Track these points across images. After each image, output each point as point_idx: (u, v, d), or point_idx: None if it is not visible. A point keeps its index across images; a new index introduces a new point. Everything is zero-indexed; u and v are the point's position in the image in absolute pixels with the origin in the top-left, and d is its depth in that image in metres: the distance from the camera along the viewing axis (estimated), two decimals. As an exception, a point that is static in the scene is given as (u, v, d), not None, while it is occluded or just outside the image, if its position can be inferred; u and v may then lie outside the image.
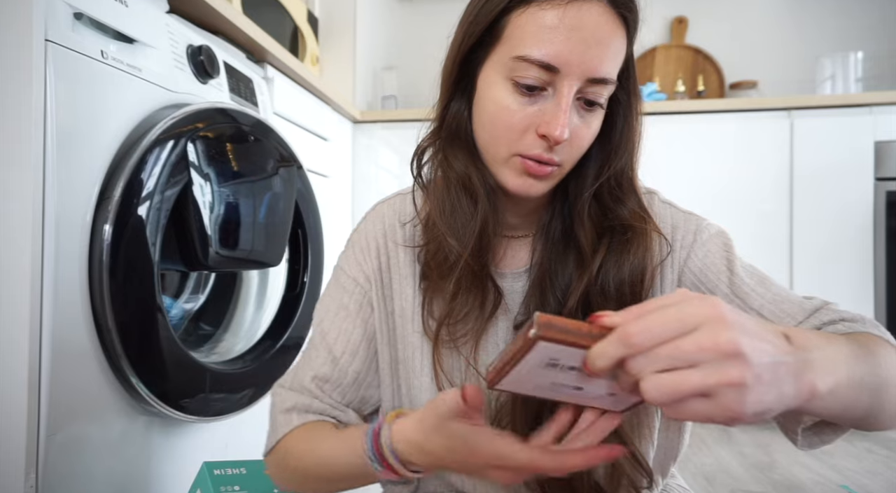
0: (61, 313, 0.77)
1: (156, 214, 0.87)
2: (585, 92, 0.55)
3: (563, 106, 0.54)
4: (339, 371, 0.65)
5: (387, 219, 0.69)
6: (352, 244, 0.70)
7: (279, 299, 1.26)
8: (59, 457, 0.78)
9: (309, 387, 0.64)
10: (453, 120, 0.62)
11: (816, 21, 2.60)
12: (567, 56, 0.53)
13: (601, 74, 0.54)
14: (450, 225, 0.61)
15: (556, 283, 0.60)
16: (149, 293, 0.87)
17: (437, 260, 0.62)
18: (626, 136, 0.61)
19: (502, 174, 0.59)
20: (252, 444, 1.26)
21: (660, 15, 2.74)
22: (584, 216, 0.61)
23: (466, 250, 0.59)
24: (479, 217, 0.60)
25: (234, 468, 0.84)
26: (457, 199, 0.61)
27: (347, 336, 0.65)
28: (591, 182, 0.61)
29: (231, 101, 1.16)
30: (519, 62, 0.54)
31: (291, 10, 2.01)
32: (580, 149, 0.58)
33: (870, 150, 1.94)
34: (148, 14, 0.95)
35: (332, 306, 0.67)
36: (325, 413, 0.64)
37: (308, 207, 1.27)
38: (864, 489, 1.39)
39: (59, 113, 0.76)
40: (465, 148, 0.62)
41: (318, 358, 0.65)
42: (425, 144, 0.65)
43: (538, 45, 0.53)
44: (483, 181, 0.61)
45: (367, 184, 2.23)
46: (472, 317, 0.61)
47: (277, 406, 0.65)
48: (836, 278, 1.95)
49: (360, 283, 0.67)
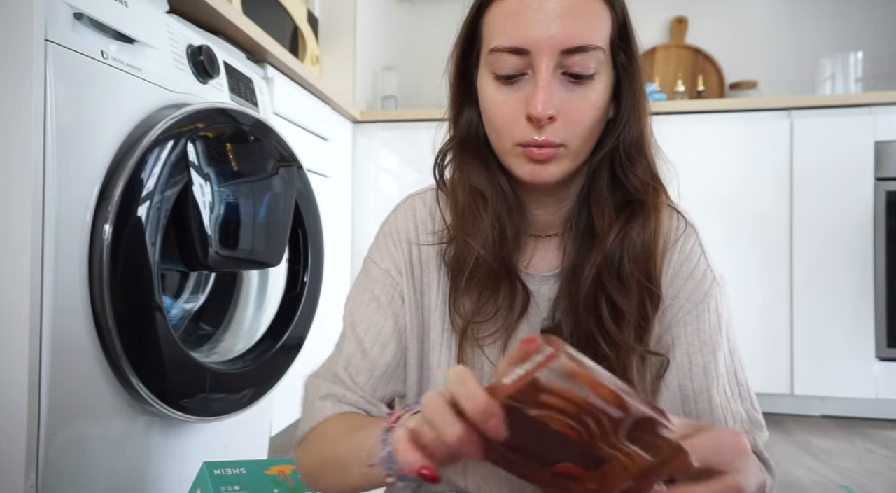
0: (61, 313, 0.77)
1: (156, 214, 0.87)
2: (567, 65, 0.56)
3: (540, 83, 0.55)
4: (370, 363, 0.64)
5: (419, 213, 0.69)
6: (383, 236, 0.70)
7: (279, 299, 1.25)
8: (59, 457, 0.78)
9: (342, 377, 0.64)
10: (465, 128, 0.65)
11: (816, 21, 2.60)
12: (532, 35, 0.55)
13: (575, 43, 0.55)
14: (467, 225, 0.62)
15: (583, 284, 0.60)
16: (149, 293, 0.87)
17: (457, 259, 0.63)
18: (632, 100, 0.60)
19: (514, 166, 0.60)
20: (252, 444, 1.26)
21: (660, 15, 2.74)
22: (602, 195, 0.61)
23: (484, 249, 0.60)
24: (491, 216, 0.61)
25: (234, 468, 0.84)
26: (472, 201, 0.63)
27: (378, 329, 0.65)
28: (607, 154, 0.61)
29: (231, 101, 1.16)
30: (493, 55, 0.57)
31: (291, 10, 2.01)
32: (579, 124, 0.57)
33: (870, 150, 1.94)
34: (148, 14, 0.95)
35: (363, 298, 0.67)
36: (357, 405, 0.63)
37: (308, 207, 1.27)
38: (864, 489, 1.39)
39: (59, 113, 0.76)
40: (477, 153, 0.64)
41: (348, 350, 0.65)
42: (445, 148, 0.67)
43: (505, 34, 0.56)
44: (493, 184, 0.62)
45: (367, 184, 2.23)
46: (501, 317, 0.62)
47: (311, 395, 0.65)
48: (836, 277, 1.95)
49: (392, 274, 0.67)
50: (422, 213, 0.69)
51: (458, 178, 0.65)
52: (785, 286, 1.98)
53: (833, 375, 1.94)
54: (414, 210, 0.69)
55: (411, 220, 0.69)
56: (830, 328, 1.94)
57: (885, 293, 1.92)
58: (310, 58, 2.13)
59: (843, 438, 1.79)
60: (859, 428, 1.88)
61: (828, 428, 1.89)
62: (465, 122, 0.65)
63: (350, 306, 0.68)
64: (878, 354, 1.92)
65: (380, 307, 0.65)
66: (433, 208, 0.69)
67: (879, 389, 1.91)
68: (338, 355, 0.66)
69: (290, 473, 0.87)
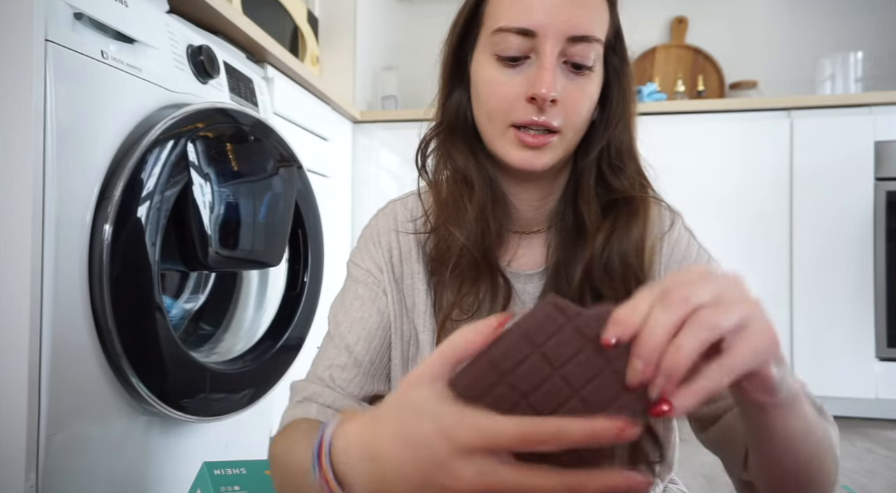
0: (61, 313, 0.77)
1: (156, 214, 0.87)
2: (570, 54, 0.56)
3: (545, 65, 0.55)
4: (355, 360, 0.63)
5: (399, 216, 0.69)
6: (364, 239, 0.70)
7: (279, 299, 1.26)
8: (59, 457, 0.78)
9: (322, 376, 0.63)
10: (454, 111, 0.65)
11: (816, 21, 2.60)
12: (542, 18, 0.55)
13: (580, 32, 0.56)
14: (450, 215, 0.62)
15: (571, 283, 0.60)
16: (149, 293, 0.87)
17: (439, 249, 0.63)
18: (621, 100, 0.62)
19: (503, 151, 0.60)
20: (252, 444, 1.26)
21: (660, 15, 2.74)
22: (589, 193, 0.61)
23: (468, 239, 0.60)
24: (476, 205, 0.61)
25: (234, 468, 0.84)
26: (457, 189, 0.63)
27: (362, 325, 0.64)
28: (595, 154, 0.62)
29: (231, 101, 1.16)
30: (498, 35, 0.57)
31: (291, 10, 2.01)
32: (577, 113, 0.58)
33: (870, 150, 1.93)
34: (148, 14, 0.95)
35: (346, 299, 0.67)
36: (333, 404, 0.61)
37: (308, 207, 1.27)
38: (864, 489, 1.39)
39: (59, 113, 0.76)
40: (465, 139, 0.64)
41: (332, 349, 0.64)
42: (429, 136, 0.67)
43: (513, 15, 0.56)
44: (481, 171, 0.62)
45: (367, 184, 2.23)
46: (483, 313, 0.61)
47: (289, 402, 0.64)
48: (836, 278, 1.95)
49: (373, 273, 0.66)
50: (402, 216, 0.69)
51: (444, 165, 0.65)
52: (785, 286, 1.98)
53: (833, 375, 1.94)
54: (395, 214, 0.69)
55: (392, 222, 0.69)
56: (830, 328, 1.94)
57: (885, 293, 1.92)
58: (310, 58, 2.13)
59: (843, 438, 1.79)
60: (859, 428, 1.88)
61: (828, 428, 1.89)
62: (453, 104, 0.65)
63: (333, 308, 0.68)
64: (878, 354, 1.92)
65: (363, 304, 0.65)
66: (414, 211, 0.69)
67: (879, 389, 1.91)
68: (320, 356, 0.65)
69: (290, 473, 0.87)
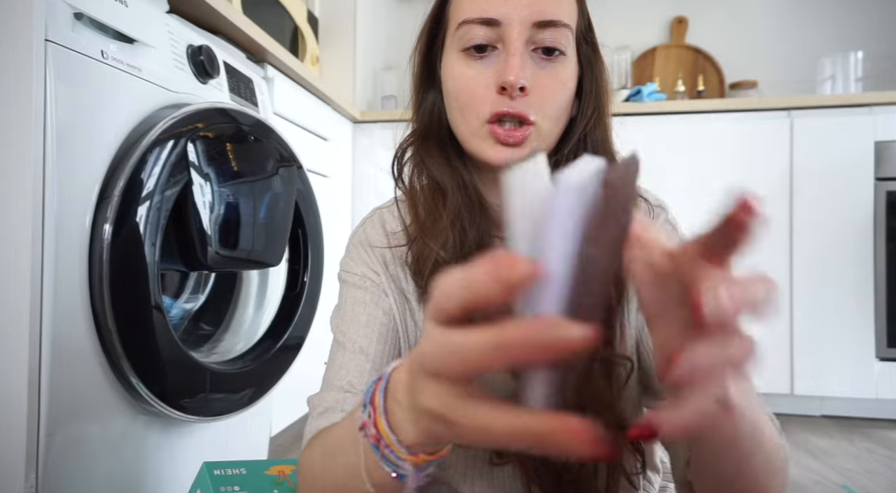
0: (61, 313, 0.77)
1: (156, 214, 0.87)
2: (538, 40, 0.56)
3: (511, 51, 0.55)
4: (373, 362, 0.60)
5: (387, 224, 0.68)
6: (353, 246, 0.68)
7: (279, 298, 1.25)
8: (59, 457, 0.78)
9: (340, 385, 0.59)
10: (428, 115, 0.64)
11: (816, 21, 2.60)
12: (504, 6, 0.55)
13: (546, 17, 0.55)
14: (425, 226, 0.60)
15: None
16: (148, 293, 0.87)
17: (417, 262, 0.61)
18: (594, 89, 0.61)
19: (480, 150, 0.58)
20: (252, 444, 1.26)
21: (660, 15, 2.74)
22: None
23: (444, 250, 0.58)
24: (450, 212, 0.60)
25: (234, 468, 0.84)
26: (432, 198, 0.61)
27: (371, 327, 0.61)
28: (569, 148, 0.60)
29: (231, 101, 1.16)
30: (463, 28, 0.57)
31: (291, 10, 2.01)
32: (549, 102, 0.57)
33: (870, 150, 1.94)
34: (148, 14, 0.95)
35: (347, 307, 0.64)
36: None
37: (308, 207, 1.27)
38: (864, 489, 1.39)
39: (58, 113, 0.76)
40: (440, 145, 0.63)
41: (345, 356, 0.61)
42: (405, 144, 0.66)
43: (476, 7, 0.56)
44: (454, 176, 0.61)
45: (367, 184, 2.23)
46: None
47: (310, 416, 0.60)
48: (836, 278, 1.95)
49: (370, 276, 0.64)
50: (391, 224, 0.67)
51: (419, 173, 0.64)
52: (785, 286, 1.98)
53: (833, 375, 1.94)
54: (383, 221, 0.68)
55: (380, 229, 0.67)
56: (830, 328, 1.94)
57: (885, 293, 1.92)
58: (310, 58, 2.13)
59: (843, 438, 1.79)
60: (859, 428, 1.88)
61: (828, 428, 1.89)
62: (427, 108, 0.64)
63: (335, 319, 0.65)
64: (878, 354, 1.92)
65: (367, 308, 0.63)
66: (403, 218, 0.67)
67: (879, 389, 1.91)
68: (334, 366, 0.62)
69: (290, 473, 0.87)
